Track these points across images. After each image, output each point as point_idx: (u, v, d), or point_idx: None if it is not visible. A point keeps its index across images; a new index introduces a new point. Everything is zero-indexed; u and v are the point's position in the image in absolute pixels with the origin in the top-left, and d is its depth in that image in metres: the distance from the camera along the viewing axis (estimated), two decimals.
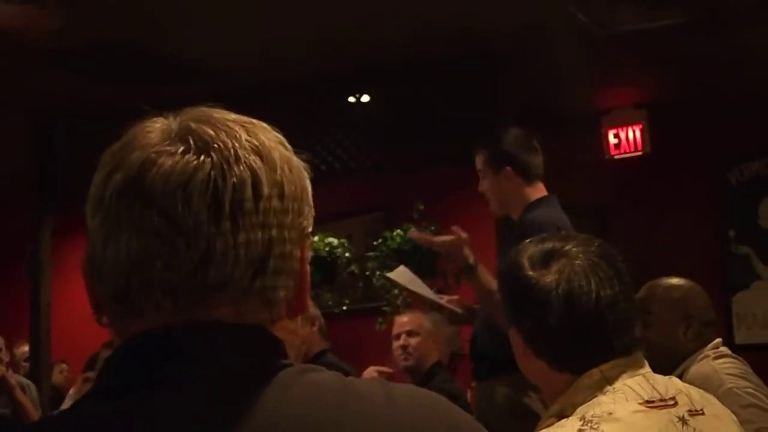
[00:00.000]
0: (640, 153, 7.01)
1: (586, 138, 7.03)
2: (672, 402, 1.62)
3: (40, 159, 6.85)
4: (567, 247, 1.73)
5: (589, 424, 1.55)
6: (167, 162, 0.94)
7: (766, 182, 6.69)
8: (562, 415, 1.64)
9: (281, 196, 0.98)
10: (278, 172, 0.98)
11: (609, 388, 1.63)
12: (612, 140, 7.07)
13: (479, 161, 3.74)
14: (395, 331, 4.76)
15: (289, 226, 0.99)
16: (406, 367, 4.64)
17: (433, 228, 6.15)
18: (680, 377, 2.24)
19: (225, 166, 0.95)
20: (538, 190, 3.71)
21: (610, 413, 1.57)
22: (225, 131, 0.98)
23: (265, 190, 0.96)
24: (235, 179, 0.94)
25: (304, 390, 0.94)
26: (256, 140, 0.99)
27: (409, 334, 4.66)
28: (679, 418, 1.59)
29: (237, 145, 0.97)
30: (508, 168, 3.66)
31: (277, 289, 0.98)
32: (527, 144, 3.77)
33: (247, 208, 0.95)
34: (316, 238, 6.20)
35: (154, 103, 1.05)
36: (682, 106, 6.61)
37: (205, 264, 0.93)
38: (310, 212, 1.03)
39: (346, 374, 1.24)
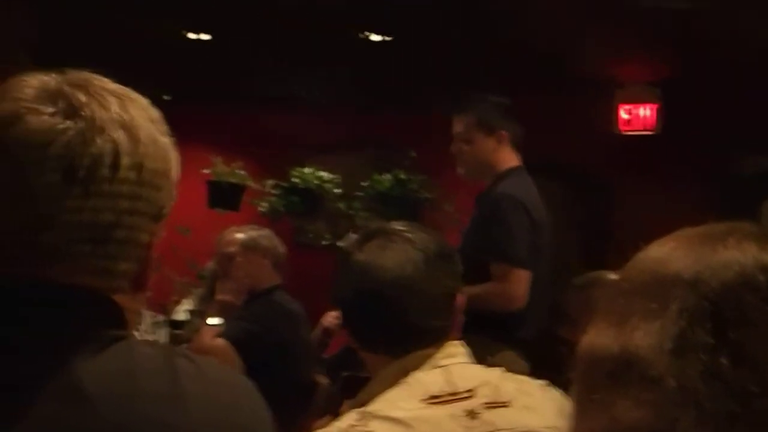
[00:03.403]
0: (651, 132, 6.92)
1: (597, 110, 6.92)
2: (465, 395, 1.57)
3: None
4: (390, 228, 1.71)
5: (362, 420, 1.51)
6: (33, 120, 0.95)
7: None
8: (363, 405, 1.59)
9: (139, 172, 0.98)
10: (141, 148, 0.99)
11: (403, 380, 1.59)
12: (623, 116, 6.96)
13: (464, 122, 3.70)
14: None
15: (144, 203, 0.99)
16: None
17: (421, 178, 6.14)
18: None
19: (88, 135, 0.95)
20: (514, 159, 3.70)
21: (388, 409, 1.53)
22: (98, 100, 0.98)
23: (123, 165, 0.97)
24: (94, 149, 0.95)
25: (112, 361, 0.94)
26: (126, 114, 0.99)
27: None
28: (467, 411, 1.54)
29: (105, 116, 0.97)
30: (504, 132, 3.63)
31: (117, 261, 0.98)
32: (512, 111, 3.76)
33: (100, 179, 0.95)
34: (306, 170, 6.18)
35: None
36: (697, 89, 6.48)
37: (44, 226, 0.94)
38: (169, 193, 1.03)
39: (291, 314, 1.16)
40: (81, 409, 0.90)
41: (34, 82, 0.99)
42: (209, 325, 3.61)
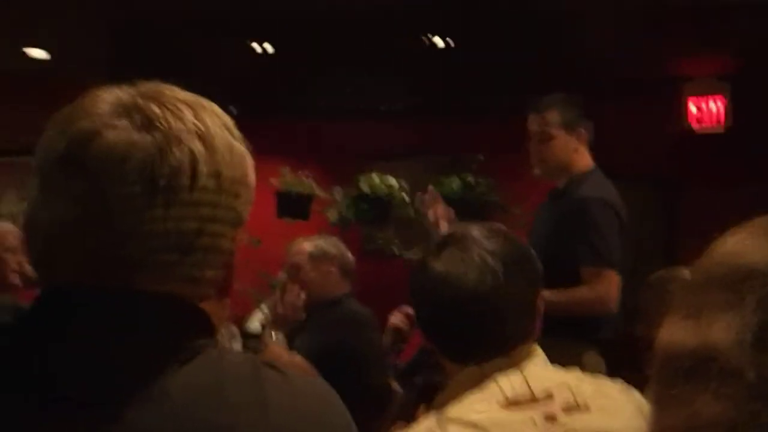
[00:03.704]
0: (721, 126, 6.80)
1: (663, 107, 6.83)
2: (543, 398, 1.55)
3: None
4: (465, 235, 1.67)
5: (441, 425, 1.51)
6: (110, 135, 0.96)
7: None
8: (440, 410, 1.58)
9: (218, 180, 0.99)
10: (218, 157, 1.00)
11: (483, 385, 1.58)
12: (693, 111, 6.84)
13: (544, 120, 3.62)
14: None
15: (223, 210, 1.00)
16: None
17: (491, 180, 6.10)
18: None
19: (165, 146, 0.96)
20: (589, 159, 3.64)
21: (466, 413, 1.53)
22: (172, 111, 0.99)
23: (202, 173, 0.98)
24: (173, 161, 0.96)
25: (200, 373, 0.95)
26: (202, 123, 1.00)
27: None
28: (545, 415, 1.53)
29: (181, 126, 0.98)
30: (584, 130, 3.58)
31: (203, 269, 0.99)
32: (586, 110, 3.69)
33: (181, 190, 0.96)
34: (375, 177, 6.17)
35: None
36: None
37: (129, 237, 0.95)
38: (247, 199, 1.04)
39: (361, 321, 1.10)
40: (167, 419, 0.91)
41: (109, 97, 1.00)
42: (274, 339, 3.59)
